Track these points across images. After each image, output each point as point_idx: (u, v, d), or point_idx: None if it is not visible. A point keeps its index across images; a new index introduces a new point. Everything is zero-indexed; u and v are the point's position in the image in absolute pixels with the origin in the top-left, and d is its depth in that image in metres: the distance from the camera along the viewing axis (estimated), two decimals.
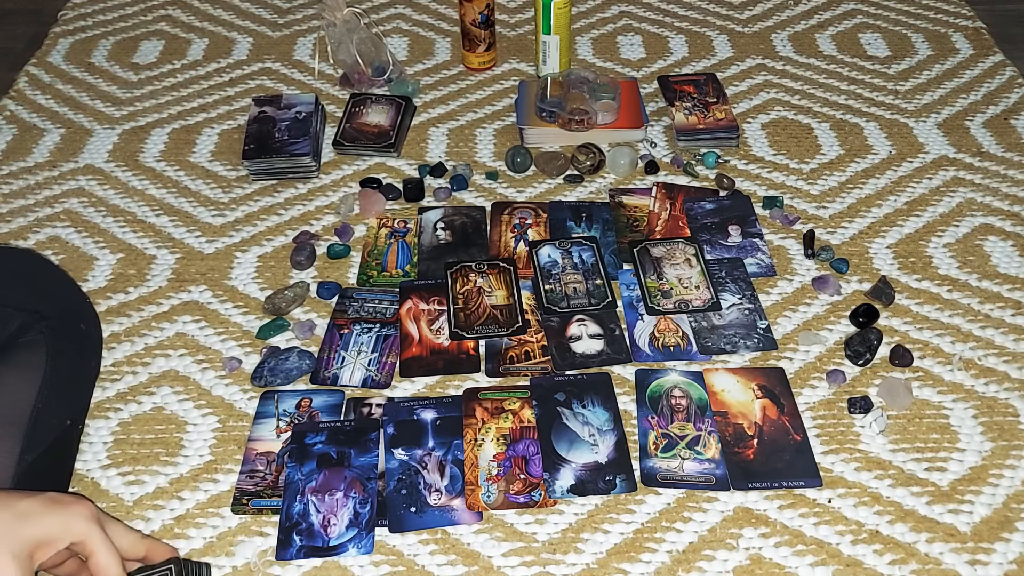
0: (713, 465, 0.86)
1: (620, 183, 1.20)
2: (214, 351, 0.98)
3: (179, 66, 1.44)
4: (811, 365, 0.96)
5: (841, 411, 0.91)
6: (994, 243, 1.10)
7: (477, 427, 0.89)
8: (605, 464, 0.86)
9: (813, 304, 1.02)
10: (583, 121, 1.23)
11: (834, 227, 1.12)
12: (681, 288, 1.03)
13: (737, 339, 0.97)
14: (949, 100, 1.33)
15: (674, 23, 1.53)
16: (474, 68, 1.41)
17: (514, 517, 0.83)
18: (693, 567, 0.78)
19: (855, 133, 1.28)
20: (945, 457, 0.87)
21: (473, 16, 1.35)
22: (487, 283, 1.04)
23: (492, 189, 1.19)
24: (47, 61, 1.45)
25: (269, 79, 1.41)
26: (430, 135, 1.29)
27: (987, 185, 1.18)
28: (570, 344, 0.98)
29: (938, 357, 0.96)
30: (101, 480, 0.86)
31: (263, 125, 1.24)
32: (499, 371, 0.95)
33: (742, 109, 1.32)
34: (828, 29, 1.50)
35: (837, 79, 1.38)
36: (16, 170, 1.23)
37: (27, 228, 1.14)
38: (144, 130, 1.30)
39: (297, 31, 1.53)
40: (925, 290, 1.04)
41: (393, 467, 0.86)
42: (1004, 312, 1.01)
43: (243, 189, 1.20)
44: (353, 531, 0.80)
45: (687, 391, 0.92)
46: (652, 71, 1.41)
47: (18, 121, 1.33)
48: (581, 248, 1.08)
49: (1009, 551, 0.79)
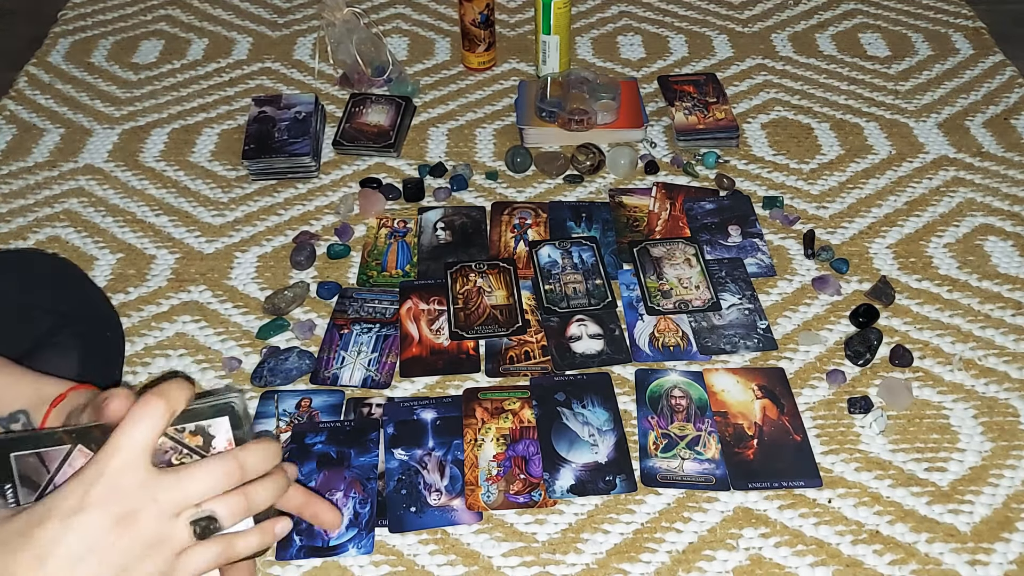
0: (713, 465, 0.86)
1: (620, 183, 1.20)
2: (214, 351, 0.98)
3: (179, 66, 1.44)
4: (811, 365, 0.96)
5: (841, 411, 0.91)
6: (994, 243, 1.10)
7: (477, 427, 0.89)
8: (605, 464, 0.86)
9: (813, 304, 1.02)
10: (583, 121, 1.23)
11: (834, 227, 1.12)
12: (681, 288, 1.02)
13: (737, 339, 0.97)
14: (949, 100, 1.33)
15: (674, 23, 1.52)
16: (474, 68, 1.41)
17: (514, 517, 0.83)
18: (693, 567, 0.78)
19: (855, 133, 1.28)
20: (945, 457, 0.87)
21: (473, 16, 1.35)
22: (487, 283, 1.04)
23: (492, 189, 1.19)
24: (47, 61, 1.45)
25: (269, 79, 1.41)
26: (430, 135, 1.29)
27: (987, 185, 1.18)
28: (570, 344, 0.97)
29: (938, 357, 0.96)
30: None
31: (263, 125, 1.24)
32: (499, 371, 0.95)
33: (742, 109, 1.32)
34: (828, 29, 1.50)
35: (837, 79, 1.38)
36: (16, 170, 1.23)
37: (27, 228, 1.14)
38: (144, 130, 1.30)
39: (297, 31, 1.52)
40: (925, 290, 1.04)
41: (393, 467, 0.86)
42: (1004, 312, 1.01)
43: (243, 189, 1.20)
44: (353, 531, 0.80)
45: (687, 391, 0.92)
46: (652, 71, 1.41)
47: (18, 121, 1.33)
48: (581, 248, 1.08)
49: (1009, 551, 0.79)
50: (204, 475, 0.49)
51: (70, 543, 0.45)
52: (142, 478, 0.47)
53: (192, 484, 0.48)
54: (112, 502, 0.46)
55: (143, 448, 0.47)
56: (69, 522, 0.45)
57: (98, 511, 0.46)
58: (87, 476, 0.47)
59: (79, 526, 0.46)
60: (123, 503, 0.46)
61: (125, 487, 0.47)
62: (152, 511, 0.47)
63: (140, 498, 0.47)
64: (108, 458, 0.47)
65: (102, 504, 0.46)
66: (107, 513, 0.46)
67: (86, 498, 0.46)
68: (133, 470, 0.47)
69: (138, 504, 0.47)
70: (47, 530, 0.45)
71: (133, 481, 0.47)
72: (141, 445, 0.47)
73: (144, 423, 0.48)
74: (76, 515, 0.46)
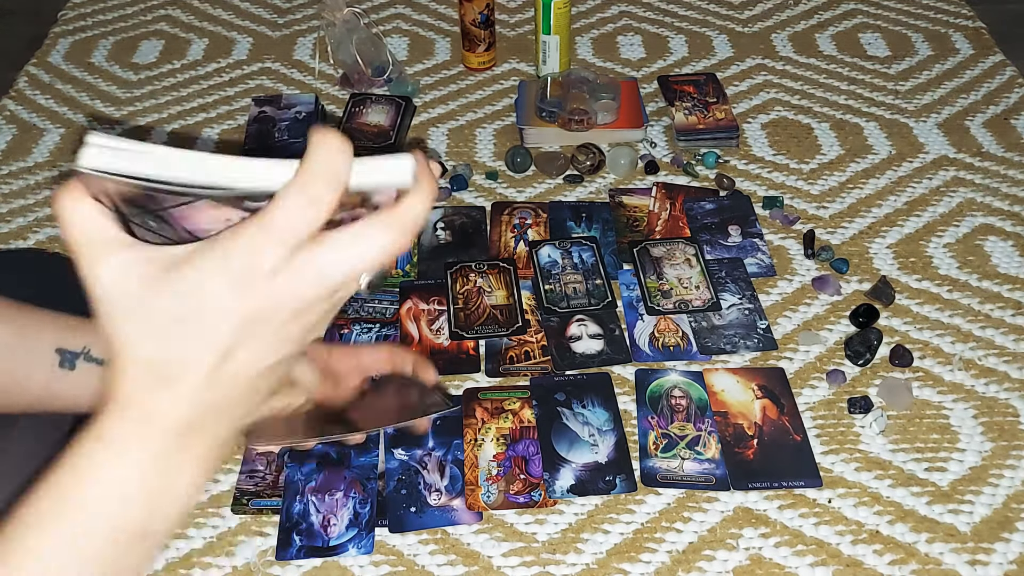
0: (713, 465, 0.86)
1: (620, 183, 1.20)
2: None
3: (179, 66, 1.44)
4: (811, 365, 0.96)
5: (841, 411, 0.91)
6: (994, 243, 1.10)
7: (477, 427, 0.89)
8: (605, 464, 0.86)
9: (813, 304, 1.02)
10: (583, 121, 1.23)
11: (834, 227, 1.12)
12: (681, 288, 1.03)
13: (737, 339, 0.97)
14: (949, 100, 1.33)
15: (674, 23, 1.52)
16: (474, 68, 1.41)
17: (514, 517, 0.83)
18: (693, 567, 0.78)
19: (855, 133, 1.28)
20: (945, 457, 0.87)
21: (473, 16, 1.35)
22: (487, 283, 1.04)
23: (492, 189, 1.19)
24: (47, 61, 1.45)
25: (269, 79, 1.41)
26: (430, 135, 1.29)
27: (987, 185, 1.18)
28: (570, 344, 0.97)
29: (938, 357, 0.96)
30: None
31: (263, 125, 1.24)
32: (499, 371, 0.95)
33: (742, 109, 1.32)
34: (828, 29, 1.50)
35: (837, 79, 1.38)
36: (16, 170, 1.23)
37: (27, 228, 1.14)
38: (144, 130, 1.30)
39: (297, 31, 1.52)
40: (925, 290, 1.04)
41: (393, 467, 0.86)
42: (1004, 312, 1.01)
43: None
44: (353, 531, 0.80)
45: (687, 391, 0.92)
46: (652, 71, 1.41)
47: (18, 121, 1.33)
48: (581, 248, 1.08)
49: (1009, 551, 0.79)
50: (371, 247, 0.38)
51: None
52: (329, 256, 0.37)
53: (362, 259, 0.38)
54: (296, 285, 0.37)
55: (302, 234, 0.37)
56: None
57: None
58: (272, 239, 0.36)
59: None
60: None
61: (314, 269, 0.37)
62: (317, 296, 0.39)
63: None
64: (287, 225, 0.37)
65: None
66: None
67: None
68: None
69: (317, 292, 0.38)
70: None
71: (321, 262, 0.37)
72: (300, 232, 0.37)
73: (310, 211, 0.37)
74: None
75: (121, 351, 0.38)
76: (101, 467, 0.39)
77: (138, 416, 0.38)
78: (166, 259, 0.37)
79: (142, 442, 0.39)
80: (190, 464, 0.40)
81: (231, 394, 0.40)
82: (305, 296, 0.38)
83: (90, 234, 0.37)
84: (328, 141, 0.36)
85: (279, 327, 0.39)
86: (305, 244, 0.36)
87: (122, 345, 0.38)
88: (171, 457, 0.39)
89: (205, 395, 0.39)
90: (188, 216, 0.39)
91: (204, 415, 0.40)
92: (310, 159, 0.36)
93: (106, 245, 0.37)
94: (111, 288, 0.37)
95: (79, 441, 0.39)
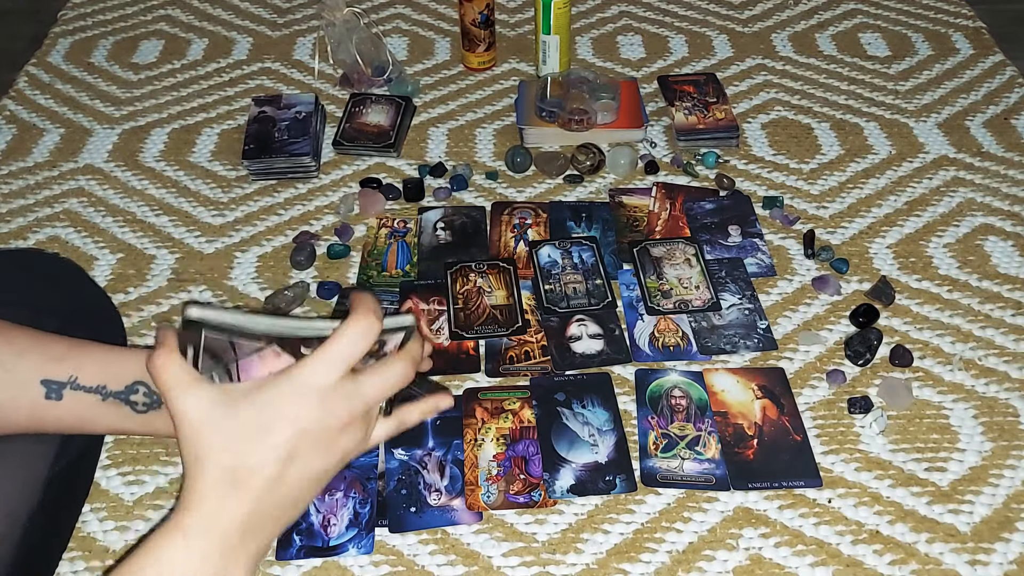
0: (713, 465, 0.86)
1: (620, 183, 1.20)
2: None
3: (179, 66, 1.44)
4: (811, 365, 0.96)
5: (841, 411, 0.91)
6: (994, 243, 1.10)
7: (477, 427, 0.89)
8: (605, 464, 0.86)
9: (813, 304, 1.02)
10: (583, 121, 1.23)
11: (834, 227, 1.12)
12: (681, 288, 1.02)
13: (737, 339, 0.97)
14: (949, 100, 1.33)
15: (674, 23, 1.52)
16: (474, 68, 1.41)
17: (514, 517, 0.83)
18: (693, 567, 0.78)
19: (855, 133, 1.28)
20: (945, 457, 0.87)
21: (473, 16, 1.35)
22: (487, 283, 1.04)
23: (492, 189, 1.19)
24: (47, 61, 1.45)
25: (269, 79, 1.41)
26: (430, 135, 1.29)
27: (987, 185, 1.18)
28: (570, 344, 0.97)
29: (938, 357, 0.96)
30: (101, 480, 0.86)
31: (263, 125, 1.24)
32: (499, 371, 0.95)
33: (742, 109, 1.32)
34: (828, 29, 1.50)
35: (837, 79, 1.38)
36: (16, 170, 1.23)
37: (27, 228, 1.14)
38: (144, 130, 1.30)
39: (297, 31, 1.52)
40: (925, 290, 1.04)
41: (393, 467, 0.86)
42: (1004, 312, 1.01)
43: (243, 189, 1.20)
44: (353, 531, 0.80)
45: (687, 391, 0.92)
46: (652, 71, 1.41)
47: (18, 121, 1.33)
48: (581, 248, 1.08)
49: (1009, 551, 0.79)
50: (395, 374, 0.55)
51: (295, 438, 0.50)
52: (349, 388, 0.52)
53: (389, 383, 0.54)
54: (327, 415, 0.51)
55: (351, 360, 0.51)
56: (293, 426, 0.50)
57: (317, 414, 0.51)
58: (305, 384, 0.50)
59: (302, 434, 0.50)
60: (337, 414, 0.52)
61: (338, 397, 0.51)
62: (360, 412, 0.53)
63: (350, 404, 0.52)
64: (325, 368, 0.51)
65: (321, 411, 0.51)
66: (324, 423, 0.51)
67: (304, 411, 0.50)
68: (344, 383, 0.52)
69: (349, 411, 0.52)
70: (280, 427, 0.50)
71: (343, 392, 0.52)
72: (350, 358, 0.51)
73: (358, 343, 0.52)
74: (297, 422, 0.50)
75: (204, 458, 0.49)
76: (177, 550, 0.48)
77: (211, 511, 0.49)
78: (237, 391, 0.50)
79: (210, 535, 0.49)
80: (245, 558, 0.50)
81: (286, 499, 0.51)
82: (350, 410, 0.51)
83: (179, 375, 0.49)
84: (367, 302, 0.52)
85: (330, 440, 0.51)
86: (348, 374, 0.51)
87: (206, 454, 0.49)
88: (232, 552, 0.49)
89: (266, 497, 0.50)
90: (251, 367, 0.53)
91: (263, 516, 0.50)
92: (356, 313, 0.52)
93: (190, 384, 0.49)
94: (195, 413, 0.49)
95: (160, 531, 0.49)
